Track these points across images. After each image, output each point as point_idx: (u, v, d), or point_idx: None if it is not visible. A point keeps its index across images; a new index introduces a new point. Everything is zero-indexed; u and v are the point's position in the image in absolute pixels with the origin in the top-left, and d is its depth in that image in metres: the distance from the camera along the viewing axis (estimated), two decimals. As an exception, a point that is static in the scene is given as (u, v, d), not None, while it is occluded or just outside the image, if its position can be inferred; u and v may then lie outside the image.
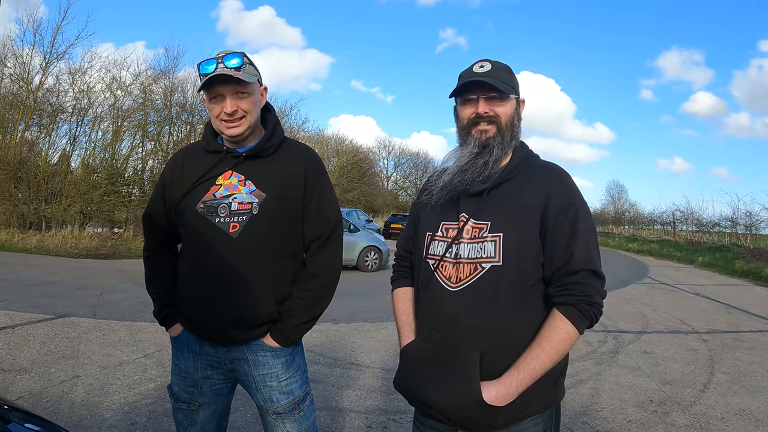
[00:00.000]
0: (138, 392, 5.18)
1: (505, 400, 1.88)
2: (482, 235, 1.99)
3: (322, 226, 2.47)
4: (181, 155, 2.63)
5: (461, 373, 1.94)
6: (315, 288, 2.45)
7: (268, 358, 2.44)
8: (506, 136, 2.08)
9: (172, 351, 2.62)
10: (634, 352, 7.75)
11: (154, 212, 2.61)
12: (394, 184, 66.89)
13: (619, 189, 61.59)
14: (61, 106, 23.44)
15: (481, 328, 1.95)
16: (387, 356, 7.04)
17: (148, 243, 2.67)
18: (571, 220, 1.93)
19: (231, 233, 2.35)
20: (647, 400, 5.68)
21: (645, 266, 23.36)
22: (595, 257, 1.94)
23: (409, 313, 2.29)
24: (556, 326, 1.88)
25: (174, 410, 2.60)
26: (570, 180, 2.06)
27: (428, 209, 2.22)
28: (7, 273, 12.20)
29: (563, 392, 2.12)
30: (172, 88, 25.43)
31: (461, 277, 2.00)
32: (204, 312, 2.41)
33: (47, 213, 21.35)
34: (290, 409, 2.46)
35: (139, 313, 8.72)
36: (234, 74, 2.27)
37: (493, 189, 2.04)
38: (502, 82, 2.07)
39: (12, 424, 1.75)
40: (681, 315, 10.93)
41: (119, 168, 24.02)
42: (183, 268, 2.53)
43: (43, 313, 8.28)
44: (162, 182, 2.60)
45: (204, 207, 2.39)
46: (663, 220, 41.74)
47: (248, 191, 2.39)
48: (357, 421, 4.84)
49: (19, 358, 5.99)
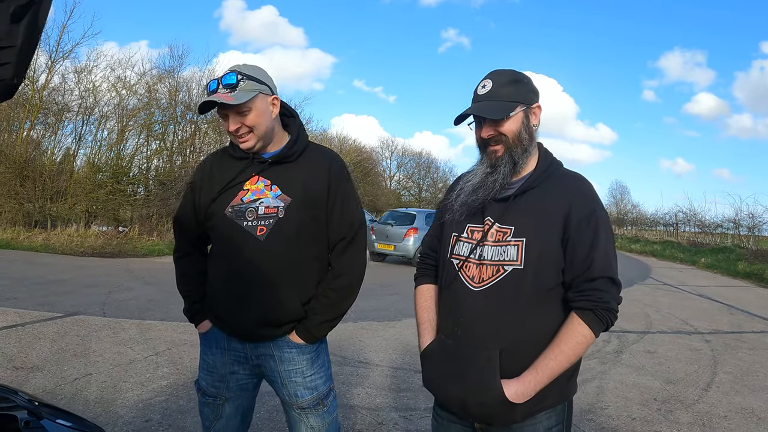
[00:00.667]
0: (151, 389, 5.25)
1: (524, 397, 1.98)
2: (506, 239, 2.07)
3: (345, 229, 2.57)
4: (210, 161, 2.72)
5: (482, 370, 2.03)
6: (339, 287, 2.55)
7: (293, 354, 2.54)
8: (516, 150, 2.14)
9: (201, 347, 2.73)
10: (638, 351, 7.84)
11: (184, 216, 2.72)
12: (397, 184, 66.55)
13: (621, 190, 61.28)
14: (66, 105, 23.46)
15: (500, 327, 2.04)
16: (395, 355, 7.10)
17: (179, 244, 2.78)
18: (593, 229, 2.01)
19: (258, 236, 2.44)
20: (651, 399, 5.76)
21: (648, 267, 23.41)
22: (613, 265, 2.03)
23: (431, 310, 2.38)
24: (574, 329, 1.98)
25: (200, 404, 2.70)
26: (592, 190, 2.15)
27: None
28: (15, 271, 12.25)
29: (576, 388, 2.21)
30: (177, 87, 25.44)
31: (484, 278, 2.08)
32: (232, 311, 2.52)
33: (53, 211, 21.37)
34: (314, 404, 2.56)
35: (148, 312, 8.78)
36: (222, 99, 2.35)
37: (519, 195, 2.11)
38: (501, 102, 2.13)
39: (44, 420, 1.81)
40: (684, 315, 10.99)
41: (124, 167, 24.03)
42: (212, 269, 2.63)
43: (52, 311, 8.33)
44: (192, 187, 2.70)
45: (232, 211, 2.48)
46: (666, 221, 41.67)
47: (274, 196, 2.48)
48: (368, 417, 4.91)
49: (31, 356, 6.05)
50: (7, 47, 1.34)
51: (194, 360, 6.18)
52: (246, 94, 2.41)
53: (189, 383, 5.44)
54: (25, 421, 1.77)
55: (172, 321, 8.15)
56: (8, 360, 5.86)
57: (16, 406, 1.86)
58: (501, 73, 2.20)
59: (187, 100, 25.72)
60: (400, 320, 9.25)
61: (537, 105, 2.20)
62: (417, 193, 66.62)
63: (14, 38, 1.30)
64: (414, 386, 5.76)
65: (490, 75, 2.20)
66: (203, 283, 2.68)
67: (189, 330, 7.39)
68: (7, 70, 1.44)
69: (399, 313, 9.82)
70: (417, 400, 5.36)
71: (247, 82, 2.42)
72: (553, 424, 2.12)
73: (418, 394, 5.50)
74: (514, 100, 2.14)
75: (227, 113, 2.42)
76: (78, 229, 20.23)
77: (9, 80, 1.50)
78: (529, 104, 2.17)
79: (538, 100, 2.20)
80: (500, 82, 2.16)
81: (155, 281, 12.17)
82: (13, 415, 1.79)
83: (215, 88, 2.39)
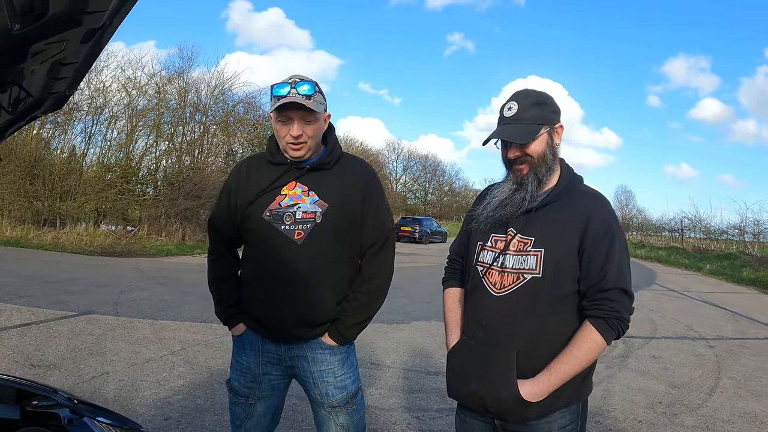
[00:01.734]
0: (168, 388, 5.34)
1: (537, 397, 2.13)
2: (526, 249, 2.21)
3: (378, 234, 2.70)
4: (246, 165, 2.81)
5: (500, 369, 2.18)
6: (369, 291, 2.69)
7: (326, 355, 2.66)
8: (541, 169, 2.27)
9: (234, 348, 2.83)
10: (644, 356, 7.92)
11: (218, 218, 2.82)
12: (403, 187, 66.65)
13: (627, 195, 61.40)
14: (76, 105, 23.53)
15: (518, 330, 2.18)
16: (405, 357, 7.16)
17: (214, 246, 2.86)
18: (608, 243, 2.14)
19: (296, 240, 2.56)
20: (656, 402, 5.85)
21: (653, 273, 23.42)
22: (626, 277, 2.15)
23: (457, 311, 2.52)
24: (586, 336, 2.11)
25: (231, 404, 2.80)
26: (609, 206, 2.29)
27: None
28: (27, 269, 12.35)
29: (590, 389, 2.34)
30: (186, 88, 25.50)
31: (505, 285, 2.23)
32: (269, 312, 2.63)
33: (62, 210, 21.45)
34: (344, 403, 2.68)
35: (161, 312, 8.85)
36: (305, 103, 2.46)
37: (540, 208, 2.25)
38: (526, 126, 2.25)
39: (86, 417, 1.90)
40: (688, 321, 11.06)
41: (134, 167, 24.10)
42: (248, 271, 2.74)
43: (65, 310, 8.42)
44: (227, 190, 2.79)
45: (270, 215, 2.59)
46: (671, 226, 41.61)
47: (312, 201, 2.59)
48: (382, 417, 5.00)
49: (47, 354, 6.13)
50: (70, 63, 1.43)
51: (209, 360, 6.30)
52: (319, 105, 2.56)
53: (205, 383, 5.53)
54: (68, 419, 1.87)
55: (185, 321, 8.23)
56: (25, 358, 5.95)
57: (57, 404, 1.93)
58: (526, 95, 2.31)
59: (196, 101, 25.82)
60: (409, 323, 9.32)
61: (560, 125, 2.32)
62: (423, 196, 66.63)
63: (78, 56, 1.39)
64: (426, 387, 5.84)
65: (515, 96, 2.32)
66: (237, 286, 2.79)
67: (203, 330, 7.52)
68: (63, 84, 1.55)
69: (408, 315, 9.90)
70: (429, 401, 5.44)
71: (318, 95, 2.56)
72: (567, 422, 2.24)
73: (431, 395, 5.59)
74: (539, 122, 2.26)
75: (293, 118, 2.52)
76: (87, 228, 20.36)
77: (62, 92, 1.61)
78: (552, 125, 2.29)
79: (560, 120, 2.32)
80: (525, 105, 2.27)
81: (166, 281, 12.27)
82: (56, 413, 1.89)
83: (287, 93, 2.48)
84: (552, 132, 2.30)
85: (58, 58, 1.35)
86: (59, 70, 1.45)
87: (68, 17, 1.14)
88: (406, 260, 22.72)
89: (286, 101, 2.47)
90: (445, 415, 5.04)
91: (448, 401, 2.39)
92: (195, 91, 25.98)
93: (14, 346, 6.35)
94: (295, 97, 2.47)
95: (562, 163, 2.38)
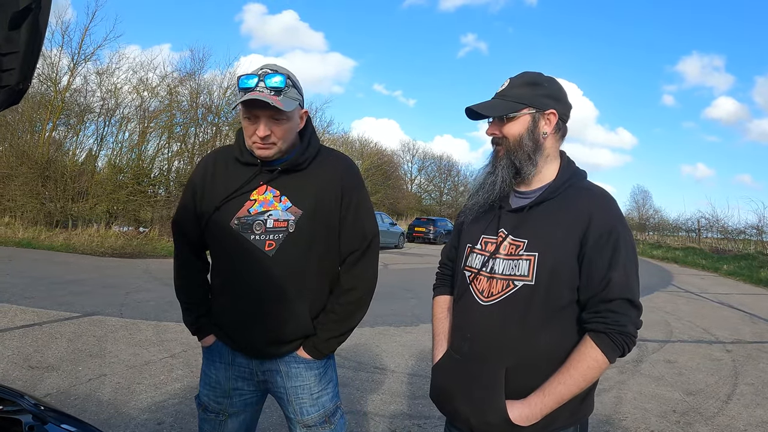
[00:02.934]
0: (165, 392, 5.24)
1: (528, 421, 1.90)
2: (518, 252, 1.98)
3: (357, 240, 2.44)
4: (212, 161, 2.54)
5: (486, 388, 1.96)
6: (347, 302, 2.43)
7: (301, 370, 2.43)
8: (517, 155, 2.04)
9: (203, 360, 2.60)
10: (658, 361, 7.73)
11: (183, 218, 2.55)
12: (418, 187, 66.71)
13: (643, 195, 61.04)
14: (88, 106, 23.67)
15: (507, 344, 1.96)
16: (411, 361, 7.04)
17: (180, 250, 2.62)
18: (612, 247, 1.89)
19: (267, 251, 2.32)
20: (670, 410, 5.66)
21: (669, 274, 23.18)
22: (633, 286, 1.91)
23: (444, 322, 2.33)
24: (586, 353, 1.87)
25: (201, 420, 2.58)
26: (615, 205, 2.02)
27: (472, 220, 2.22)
28: (35, 270, 12.32)
29: (591, 408, 2.10)
30: (198, 89, 25.59)
31: (493, 292, 2.00)
32: (239, 328, 2.41)
33: (74, 211, 21.56)
34: (321, 421, 2.45)
35: (165, 313, 8.78)
36: (272, 101, 2.15)
37: (535, 206, 2.02)
38: (507, 102, 2.05)
39: (49, 424, 1.79)
40: (705, 324, 10.84)
41: (145, 168, 24.19)
42: (217, 283, 2.50)
43: (70, 311, 8.37)
44: (192, 187, 2.53)
45: (238, 223, 2.35)
46: (688, 227, 41.40)
47: (284, 208, 2.35)
48: (381, 424, 4.87)
49: (46, 356, 6.07)
50: (9, 53, 1.34)
51: (209, 363, 6.14)
52: (292, 102, 2.27)
53: (203, 386, 5.40)
54: (29, 425, 1.76)
55: (189, 323, 8.11)
56: (24, 359, 5.88)
57: (21, 410, 1.84)
58: (523, 74, 2.11)
59: (208, 102, 25.91)
60: (417, 326, 9.19)
61: (551, 112, 2.05)
62: (438, 197, 66.67)
63: (15, 44, 1.30)
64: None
65: (515, 75, 2.12)
66: (207, 294, 2.57)
67: (205, 332, 7.41)
68: (11, 76, 1.44)
69: (416, 318, 9.75)
70: (432, 408, 5.21)
71: (292, 89, 2.29)
72: None
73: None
74: (522, 102, 2.03)
75: (260, 116, 2.24)
76: (99, 229, 20.41)
77: (14, 86, 1.50)
78: (540, 109, 2.05)
79: (555, 108, 2.06)
80: (515, 83, 2.08)
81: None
82: (17, 419, 1.78)
83: (254, 85, 2.21)
84: (538, 116, 2.04)
85: None
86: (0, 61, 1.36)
87: None
88: (418, 261, 22.68)
89: (250, 97, 2.17)
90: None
91: None
92: (207, 92, 26.12)
93: (15, 347, 6.29)
94: (261, 93, 2.17)
95: (563, 156, 2.13)
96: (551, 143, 2.09)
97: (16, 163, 21.22)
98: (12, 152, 21.78)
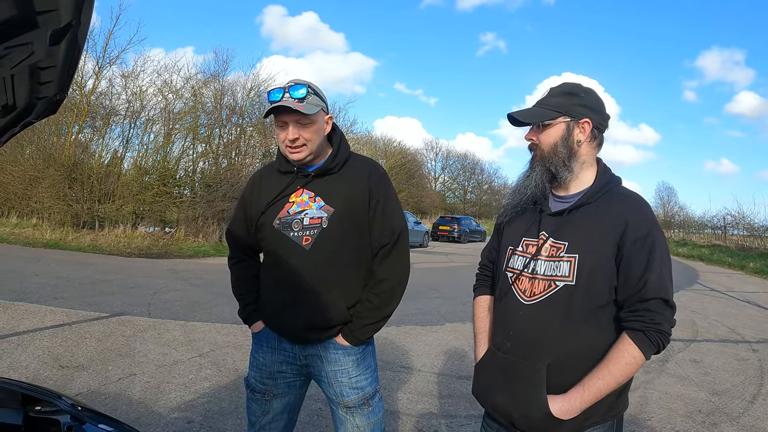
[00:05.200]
0: (194, 391, 5.29)
1: (569, 414, 1.97)
2: (559, 254, 2.06)
3: (387, 235, 2.67)
4: (259, 176, 2.90)
5: (529, 384, 2.04)
6: (381, 292, 2.65)
7: (339, 355, 2.67)
8: (551, 162, 2.15)
9: (252, 345, 2.87)
10: (684, 360, 7.66)
11: (236, 228, 2.92)
12: (442, 186, 66.72)
13: (668, 191, 60.30)
14: (114, 109, 23.85)
15: (549, 341, 2.04)
16: (437, 360, 7.04)
17: (232, 252, 2.96)
18: (648, 249, 1.97)
19: (304, 245, 2.60)
20: (696, 411, 5.61)
21: (695, 272, 22.96)
22: (668, 286, 1.99)
23: (485, 321, 2.41)
24: (624, 350, 1.95)
25: (248, 400, 2.83)
26: (649, 210, 2.11)
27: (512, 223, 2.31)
28: (63, 271, 12.43)
29: (626, 404, 2.17)
30: (222, 91, 25.71)
31: (535, 292, 2.09)
32: (281, 316, 2.69)
33: (100, 213, 21.73)
34: (360, 404, 2.68)
35: (192, 313, 8.86)
36: (295, 106, 2.48)
37: (574, 210, 2.10)
38: (544, 110, 2.16)
39: (87, 424, 1.86)
40: (731, 323, 10.75)
41: (171, 169, 24.32)
42: (264, 277, 2.81)
43: (98, 311, 8.45)
44: (243, 201, 2.89)
45: (279, 223, 2.65)
46: (713, 224, 40.91)
47: (318, 207, 2.63)
48: (408, 423, 4.87)
49: (77, 355, 6.14)
50: (49, 67, 1.39)
51: (237, 362, 6.25)
52: (313, 107, 2.55)
53: (231, 385, 5.48)
54: (68, 425, 1.83)
55: (216, 322, 8.24)
56: (54, 359, 5.95)
57: (59, 410, 1.91)
58: (563, 84, 2.23)
59: (232, 103, 26.04)
60: (443, 324, 9.19)
61: (586, 121, 2.14)
62: (462, 195, 66.60)
63: (54, 59, 1.34)
64: (456, 393, 5.71)
65: (556, 85, 2.23)
66: (257, 286, 2.86)
67: (233, 332, 7.51)
68: (49, 88, 1.51)
69: (442, 317, 9.76)
70: (459, 407, 5.30)
71: (313, 96, 2.57)
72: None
73: (460, 401, 5.45)
74: (558, 110, 2.14)
75: (288, 122, 2.55)
76: (125, 230, 20.54)
77: (52, 97, 1.57)
78: (575, 118, 2.13)
79: (590, 117, 2.14)
80: (554, 92, 2.19)
81: (201, 282, 12.28)
82: (57, 420, 1.86)
83: (280, 97, 2.51)
84: (573, 125, 2.14)
85: (32, 62, 1.32)
86: (39, 75, 1.43)
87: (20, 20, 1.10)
88: (443, 260, 22.68)
89: (275, 105, 2.51)
90: (474, 421, 4.90)
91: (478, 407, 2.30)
92: (231, 93, 26.26)
93: (45, 347, 6.37)
94: (285, 101, 2.50)
95: (600, 162, 2.23)
96: (586, 150, 2.18)
97: (43, 165, 21.46)
98: (39, 155, 22.05)
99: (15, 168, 21.47)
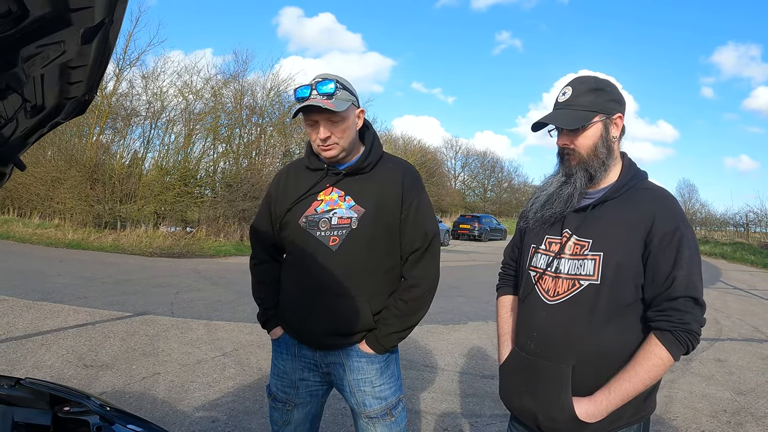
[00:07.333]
0: (218, 390, 5.29)
1: (594, 417, 1.92)
2: (583, 252, 2.00)
3: (419, 239, 2.54)
4: (286, 172, 2.76)
5: (554, 385, 1.98)
6: (411, 299, 2.52)
7: (362, 363, 2.53)
8: (592, 163, 2.06)
9: (273, 352, 2.75)
10: (708, 360, 7.56)
11: (260, 225, 2.77)
12: (462, 184, 66.54)
13: (689, 188, 59.61)
14: (134, 110, 24.00)
15: (573, 342, 1.98)
16: (461, 359, 6.99)
17: (255, 252, 2.82)
18: (676, 246, 1.90)
19: (331, 246, 2.46)
20: (721, 410, 5.53)
21: (717, 270, 22.64)
22: (697, 284, 1.91)
23: (509, 321, 2.35)
24: (651, 351, 1.88)
25: (271, 409, 2.73)
26: (677, 205, 2.03)
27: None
28: (86, 271, 12.54)
29: (654, 406, 2.12)
30: (242, 91, 25.80)
31: (559, 292, 2.03)
32: (303, 319, 2.54)
33: (122, 213, 21.91)
34: (382, 414, 2.56)
35: (215, 312, 8.88)
36: (325, 104, 2.33)
37: (597, 206, 2.03)
38: (579, 112, 2.05)
39: (116, 425, 1.84)
40: (755, 322, 10.60)
41: (191, 170, 24.45)
42: (286, 277, 2.67)
43: (121, 310, 8.50)
44: (268, 197, 2.75)
45: (306, 221, 2.52)
46: (735, 221, 40.44)
47: (348, 206, 2.49)
48: (433, 423, 4.84)
49: (101, 355, 6.17)
50: (79, 66, 1.36)
51: (261, 361, 6.24)
52: (344, 103, 2.42)
53: (255, 384, 5.47)
54: (97, 426, 1.82)
55: (239, 322, 8.25)
56: (78, 358, 5.98)
57: (88, 410, 1.90)
58: (583, 80, 2.11)
59: (252, 103, 26.15)
60: (465, 323, 9.13)
61: (618, 116, 2.08)
62: (482, 194, 66.42)
63: (85, 58, 1.32)
64: (480, 392, 5.67)
65: (571, 82, 2.12)
66: (277, 290, 2.71)
67: (256, 331, 7.49)
68: (79, 88, 1.49)
69: (464, 316, 9.71)
70: (483, 406, 5.25)
71: (342, 91, 2.43)
72: None
73: (484, 400, 5.41)
74: (593, 109, 2.05)
75: (318, 120, 2.42)
76: (147, 230, 20.68)
77: (81, 97, 1.56)
78: (609, 115, 2.06)
79: (621, 110, 2.09)
80: (580, 90, 2.07)
81: (223, 281, 12.32)
82: (86, 420, 1.85)
83: (308, 94, 2.38)
84: (608, 122, 2.06)
85: (63, 61, 1.28)
86: (70, 74, 1.40)
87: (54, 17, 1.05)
88: (464, 258, 22.62)
89: (305, 104, 2.37)
90: (498, 421, 4.86)
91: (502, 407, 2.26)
92: (251, 93, 26.36)
93: (69, 346, 6.41)
94: (314, 99, 2.36)
95: (625, 157, 2.15)
96: (617, 145, 2.12)
97: (65, 166, 21.67)
98: (61, 156, 22.26)
99: (37, 169, 21.66)
